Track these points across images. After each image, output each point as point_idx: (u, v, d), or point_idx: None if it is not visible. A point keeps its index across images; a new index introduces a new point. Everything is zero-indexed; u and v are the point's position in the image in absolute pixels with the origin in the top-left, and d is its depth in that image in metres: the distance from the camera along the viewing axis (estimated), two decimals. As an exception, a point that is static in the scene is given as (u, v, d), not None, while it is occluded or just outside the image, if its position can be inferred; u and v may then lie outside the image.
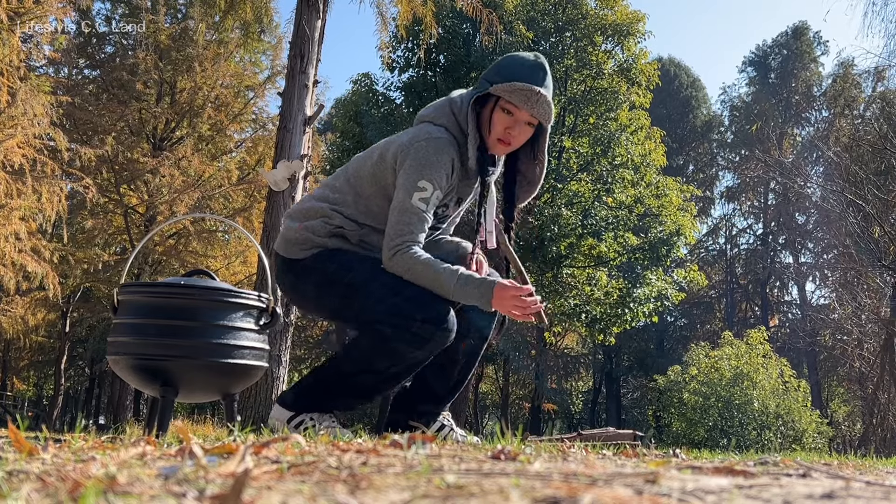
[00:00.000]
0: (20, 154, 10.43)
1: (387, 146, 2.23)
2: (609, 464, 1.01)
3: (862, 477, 0.96)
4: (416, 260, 2.09)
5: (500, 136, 2.17)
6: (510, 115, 2.15)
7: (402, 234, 2.12)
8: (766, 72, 30.29)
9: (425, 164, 2.13)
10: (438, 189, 2.15)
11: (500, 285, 2.07)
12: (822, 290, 28.06)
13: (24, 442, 0.95)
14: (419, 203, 2.13)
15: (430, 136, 2.16)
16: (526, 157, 2.32)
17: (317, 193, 2.31)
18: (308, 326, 27.76)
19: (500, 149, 2.21)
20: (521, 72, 2.15)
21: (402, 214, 2.13)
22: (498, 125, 2.17)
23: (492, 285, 2.06)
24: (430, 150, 2.14)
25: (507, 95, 2.11)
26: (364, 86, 15.32)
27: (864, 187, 13.54)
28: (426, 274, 2.07)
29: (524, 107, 2.12)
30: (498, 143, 2.19)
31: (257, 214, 13.56)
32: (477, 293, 2.06)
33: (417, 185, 2.13)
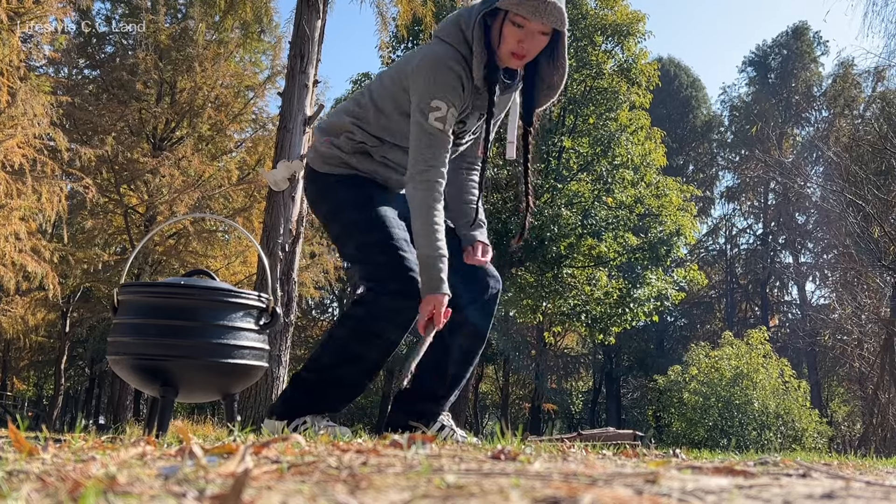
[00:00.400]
0: (20, 154, 10.43)
1: (403, 65, 2.23)
2: (609, 464, 1.01)
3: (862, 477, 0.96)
4: (428, 203, 2.11)
5: (512, 50, 2.13)
6: (521, 27, 2.10)
7: (426, 159, 2.14)
8: (766, 72, 30.29)
9: (435, 84, 2.13)
10: (452, 107, 2.15)
11: (434, 298, 2.09)
12: (822, 290, 28.08)
13: (24, 442, 0.95)
14: (436, 123, 2.13)
15: (436, 56, 2.15)
16: (546, 62, 2.27)
17: (344, 107, 2.35)
18: (308, 326, 27.75)
19: (515, 62, 2.17)
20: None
21: (421, 137, 2.14)
22: (509, 39, 2.12)
23: (431, 290, 2.09)
24: (438, 69, 2.13)
25: (514, 8, 2.07)
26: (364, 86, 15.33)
27: (864, 187, 13.54)
28: (423, 223, 2.10)
29: (534, 18, 2.07)
30: (511, 56, 2.14)
31: (257, 214, 13.55)
32: (424, 280, 2.10)
33: (431, 105, 2.13)
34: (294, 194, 5.42)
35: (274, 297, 2.23)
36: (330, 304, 29.23)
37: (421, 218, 2.11)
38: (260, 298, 2.15)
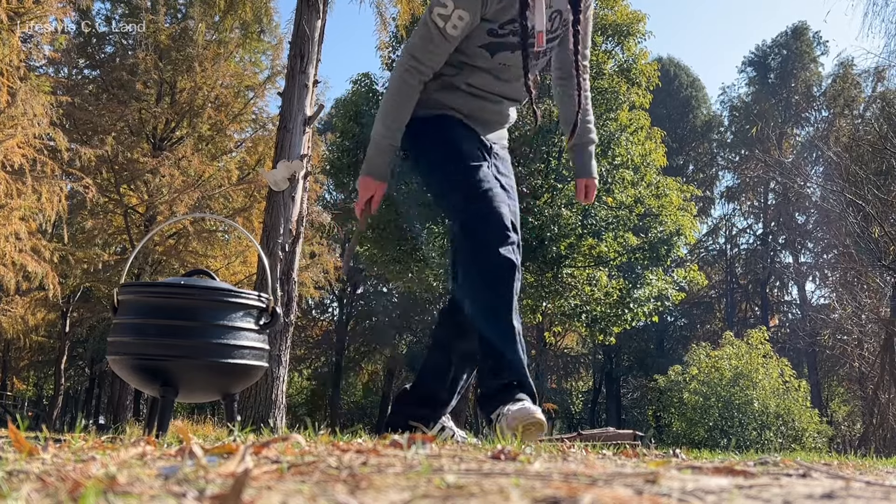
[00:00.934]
0: (20, 154, 10.43)
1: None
2: (609, 464, 1.01)
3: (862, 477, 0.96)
4: (396, 87, 2.06)
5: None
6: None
7: (411, 47, 2.07)
8: (765, 72, 30.29)
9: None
10: (460, 9, 1.99)
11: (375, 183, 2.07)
12: (822, 290, 28.09)
13: (24, 442, 0.95)
14: (436, 18, 2.01)
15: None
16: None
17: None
18: (308, 326, 27.77)
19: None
20: None
21: (420, 27, 2.06)
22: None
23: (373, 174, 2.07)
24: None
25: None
26: (364, 86, 15.33)
27: (864, 187, 13.54)
28: (386, 105, 2.07)
29: None
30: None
31: (257, 214, 13.55)
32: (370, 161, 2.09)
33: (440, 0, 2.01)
34: (294, 194, 5.42)
35: (274, 297, 2.22)
36: (330, 304, 29.24)
37: (387, 100, 2.07)
38: (260, 298, 2.15)
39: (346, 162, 15.53)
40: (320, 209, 16.15)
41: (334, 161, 15.84)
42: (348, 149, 15.50)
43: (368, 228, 15.84)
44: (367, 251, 16.41)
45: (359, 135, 15.18)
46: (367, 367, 29.15)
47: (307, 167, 5.56)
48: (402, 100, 2.07)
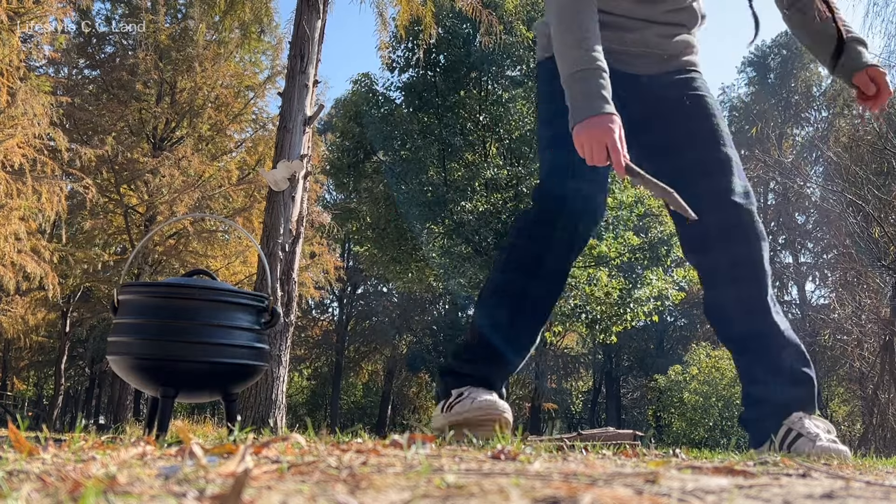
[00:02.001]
0: (20, 154, 10.43)
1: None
2: (609, 464, 1.01)
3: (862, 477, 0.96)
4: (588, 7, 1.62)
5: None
6: None
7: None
8: (765, 72, 30.30)
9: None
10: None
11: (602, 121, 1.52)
12: (821, 290, 28.09)
13: (24, 442, 0.95)
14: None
15: None
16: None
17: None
18: (308, 326, 27.78)
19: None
20: None
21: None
22: None
23: (591, 111, 1.53)
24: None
25: None
26: (364, 86, 15.33)
27: (863, 187, 13.54)
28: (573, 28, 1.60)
29: None
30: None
31: (257, 214, 13.55)
32: (577, 101, 1.56)
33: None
34: (294, 194, 5.42)
35: (274, 297, 2.23)
36: (330, 304, 29.25)
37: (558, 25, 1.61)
38: (260, 298, 2.15)
39: (346, 162, 15.54)
40: (320, 209, 16.14)
41: (334, 161, 15.84)
42: (348, 149, 15.50)
43: (368, 228, 15.85)
44: (368, 251, 16.41)
45: (359, 135, 15.18)
46: (367, 367, 29.16)
47: (307, 167, 5.56)
48: (580, 20, 1.61)
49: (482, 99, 14.13)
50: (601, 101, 1.54)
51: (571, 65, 1.57)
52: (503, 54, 13.50)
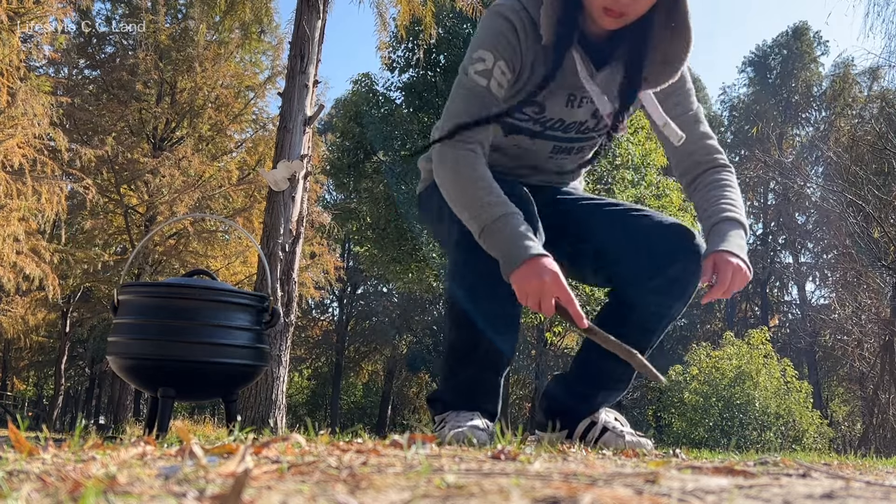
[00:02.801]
0: (20, 154, 10.44)
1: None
2: (609, 464, 1.01)
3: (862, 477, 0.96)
4: (459, 161, 1.59)
5: (605, 4, 1.57)
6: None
7: (452, 115, 1.65)
8: (765, 72, 30.31)
9: (483, 33, 1.68)
10: (502, 60, 1.64)
11: (539, 263, 1.48)
12: (822, 291, 28.09)
13: (24, 442, 0.95)
14: (477, 77, 1.64)
15: (492, 7, 1.72)
16: (660, 28, 1.68)
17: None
18: (308, 326, 27.79)
19: (608, 20, 1.60)
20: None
21: (457, 92, 1.68)
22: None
23: (521, 257, 1.48)
24: (487, 17, 1.70)
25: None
26: (364, 86, 15.33)
27: (864, 187, 13.54)
28: (462, 188, 1.57)
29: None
30: (604, 12, 1.58)
31: (257, 214, 13.55)
32: (502, 251, 1.51)
33: (473, 56, 1.66)
34: (294, 194, 5.42)
35: (274, 297, 2.23)
36: (330, 304, 29.26)
37: (453, 179, 1.59)
38: (260, 298, 2.15)
39: (346, 162, 15.54)
40: (320, 209, 16.15)
41: (334, 161, 15.84)
42: (348, 149, 15.50)
43: (368, 229, 15.85)
44: (367, 251, 16.41)
45: (359, 135, 15.18)
46: (367, 367, 29.16)
47: (307, 167, 5.56)
48: (463, 184, 1.58)
49: (482, 99, 14.10)
50: (527, 242, 1.51)
51: (483, 218, 1.53)
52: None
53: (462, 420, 1.65)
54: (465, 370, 1.71)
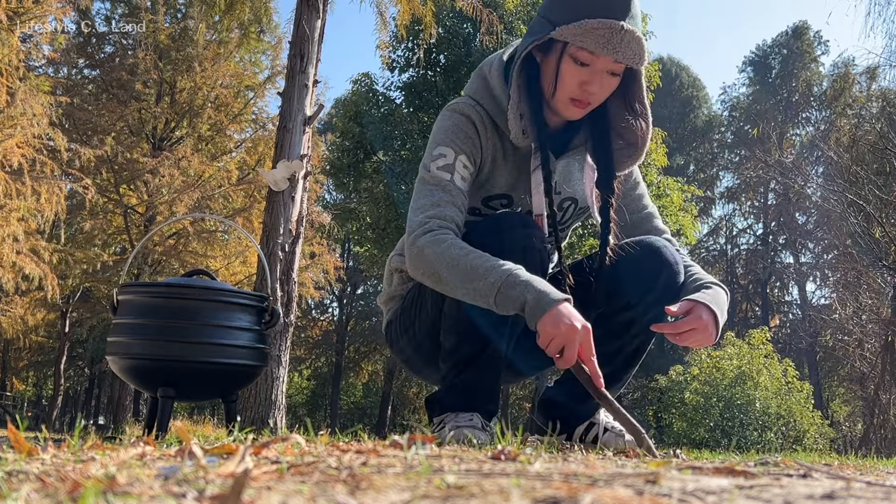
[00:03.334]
0: (19, 154, 10.44)
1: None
2: (609, 464, 1.01)
3: (863, 477, 0.96)
4: (439, 245, 1.56)
5: (573, 96, 1.62)
6: (585, 66, 1.59)
7: (418, 209, 1.64)
8: (766, 72, 30.31)
9: (440, 131, 1.71)
10: (463, 154, 1.67)
11: (568, 308, 1.46)
12: (822, 291, 28.10)
13: (24, 442, 0.95)
14: (439, 172, 1.65)
15: (447, 107, 1.76)
16: (618, 111, 1.74)
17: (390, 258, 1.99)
18: (308, 326, 27.79)
19: (575, 111, 1.65)
20: (594, 1, 1.56)
21: (420, 189, 1.67)
22: (569, 80, 1.61)
23: (555, 300, 1.45)
24: (443, 117, 1.73)
25: (577, 40, 1.55)
26: (364, 86, 15.32)
27: (864, 187, 13.54)
28: (454, 265, 1.52)
29: (604, 52, 1.55)
30: (571, 103, 1.63)
31: (257, 214, 13.56)
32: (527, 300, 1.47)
33: (433, 153, 1.68)
34: (294, 194, 5.42)
35: (274, 297, 2.22)
36: (330, 304, 29.27)
37: (449, 262, 1.53)
38: (260, 298, 2.15)
39: (346, 162, 15.53)
40: (320, 209, 16.16)
41: (334, 161, 15.84)
42: (348, 149, 15.50)
43: (368, 229, 15.86)
44: (367, 251, 16.41)
45: (359, 135, 15.18)
46: (367, 367, 29.15)
47: (307, 167, 5.56)
48: (456, 249, 1.54)
49: (482, 99, 14.11)
50: (550, 288, 1.49)
51: (493, 280, 1.48)
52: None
53: (462, 420, 1.66)
54: (466, 372, 1.72)
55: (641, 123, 1.73)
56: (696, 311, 1.60)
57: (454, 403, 1.72)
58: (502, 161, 1.73)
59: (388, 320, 1.96)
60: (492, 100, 1.71)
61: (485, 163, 1.73)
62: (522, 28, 13.37)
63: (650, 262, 1.73)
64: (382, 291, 2.00)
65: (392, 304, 1.94)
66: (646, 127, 1.73)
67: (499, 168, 1.74)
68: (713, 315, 1.61)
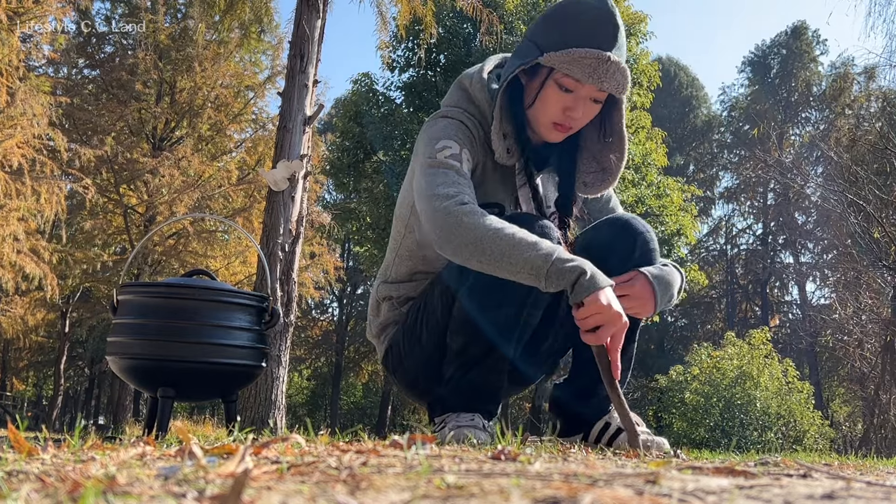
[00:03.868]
0: (19, 154, 10.44)
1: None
2: (609, 464, 1.01)
3: (863, 477, 0.96)
4: (466, 215, 1.50)
5: (555, 120, 1.66)
6: (569, 92, 1.63)
7: (443, 185, 1.57)
8: (765, 72, 30.32)
9: (436, 132, 1.69)
10: (466, 149, 1.66)
11: (613, 294, 1.48)
12: (822, 291, 28.10)
13: (24, 442, 0.95)
14: (448, 160, 1.62)
15: (432, 116, 1.77)
16: (593, 135, 1.78)
17: (374, 287, 1.99)
18: (308, 326, 27.79)
19: (556, 135, 1.69)
20: (582, 30, 1.59)
21: (431, 172, 1.61)
22: (553, 105, 1.65)
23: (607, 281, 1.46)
24: (435, 121, 1.73)
25: (564, 67, 1.58)
26: (364, 85, 15.32)
27: (864, 187, 13.53)
28: (509, 233, 1.48)
29: (590, 81, 1.59)
30: (553, 127, 1.68)
31: (257, 214, 13.56)
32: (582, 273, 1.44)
33: (436, 147, 1.65)
34: (294, 194, 5.42)
35: (274, 297, 2.22)
36: (330, 304, 29.27)
37: (493, 240, 1.47)
38: (260, 298, 2.15)
39: (346, 162, 15.53)
40: (320, 209, 16.16)
41: (334, 161, 15.83)
42: (348, 149, 15.49)
43: (368, 229, 15.86)
44: (367, 251, 16.40)
45: (359, 135, 15.17)
46: (367, 367, 29.16)
47: (307, 167, 5.56)
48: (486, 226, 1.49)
49: (482, 99, 14.11)
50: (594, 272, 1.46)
51: (543, 257, 1.44)
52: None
53: (462, 420, 1.67)
54: (472, 373, 1.72)
55: (618, 150, 1.76)
56: (635, 280, 1.64)
57: (456, 403, 1.72)
58: (491, 172, 1.76)
59: (387, 347, 1.93)
60: (476, 111, 1.74)
61: (476, 168, 1.74)
62: (523, 28, 13.37)
63: (623, 236, 1.75)
64: (369, 325, 1.98)
65: (387, 331, 1.93)
66: (619, 155, 1.76)
67: (488, 179, 1.76)
68: (651, 287, 1.64)
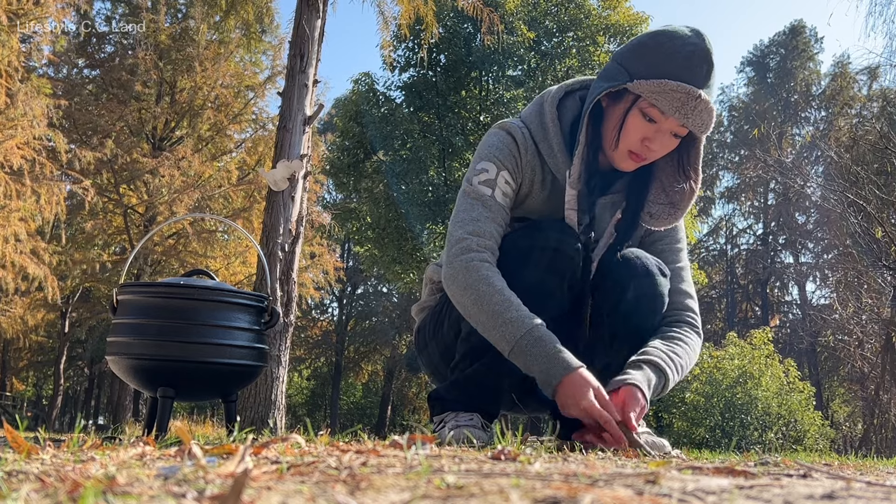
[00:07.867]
0: (19, 155, 10.45)
1: None
2: (609, 464, 1.01)
3: (863, 477, 0.96)
4: (470, 274, 1.58)
5: (632, 149, 1.63)
6: (652, 122, 1.59)
7: (458, 223, 1.65)
8: (764, 71, 30.31)
9: (483, 149, 1.73)
10: (505, 170, 1.68)
11: (580, 377, 1.50)
12: (822, 291, 28.09)
13: (23, 442, 0.95)
14: (481, 187, 1.66)
15: (493, 126, 1.80)
16: (667, 167, 1.75)
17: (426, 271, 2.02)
18: (308, 326, 27.79)
19: (630, 164, 1.66)
20: (675, 63, 1.54)
21: (462, 203, 1.68)
22: (633, 133, 1.61)
23: (566, 370, 1.50)
24: (489, 135, 1.76)
25: (653, 97, 1.55)
26: (364, 85, 15.32)
27: (864, 187, 13.53)
28: (479, 306, 1.56)
29: (676, 115, 1.56)
30: (628, 155, 1.64)
31: (257, 214, 13.56)
32: (541, 367, 1.52)
33: (476, 168, 1.70)
34: (294, 194, 5.42)
35: (274, 297, 2.22)
36: (330, 304, 29.27)
37: (476, 296, 1.57)
38: (260, 298, 2.15)
39: (346, 162, 15.53)
40: (320, 209, 16.16)
41: (334, 161, 15.83)
42: (348, 149, 15.49)
43: (368, 228, 15.86)
44: (367, 251, 16.40)
45: (359, 134, 15.17)
46: (367, 368, 29.17)
47: (307, 167, 5.56)
48: (490, 283, 1.56)
49: (483, 99, 14.13)
50: (563, 355, 1.51)
51: (509, 338, 1.53)
52: (504, 54, 13.50)
53: (462, 420, 1.67)
54: (473, 373, 1.73)
55: (690, 187, 1.74)
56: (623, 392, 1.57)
57: (456, 402, 1.72)
58: (539, 188, 1.74)
59: (418, 327, 1.99)
60: (540, 127, 1.73)
61: (523, 184, 1.74)
62: (523, 28, 13.37)
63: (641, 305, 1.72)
64: (418, 301, 2.04)
65: (424, 312, 1.98)
66: (691, 191, 1.75)
67: (535, 194, 1.75)
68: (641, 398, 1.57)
